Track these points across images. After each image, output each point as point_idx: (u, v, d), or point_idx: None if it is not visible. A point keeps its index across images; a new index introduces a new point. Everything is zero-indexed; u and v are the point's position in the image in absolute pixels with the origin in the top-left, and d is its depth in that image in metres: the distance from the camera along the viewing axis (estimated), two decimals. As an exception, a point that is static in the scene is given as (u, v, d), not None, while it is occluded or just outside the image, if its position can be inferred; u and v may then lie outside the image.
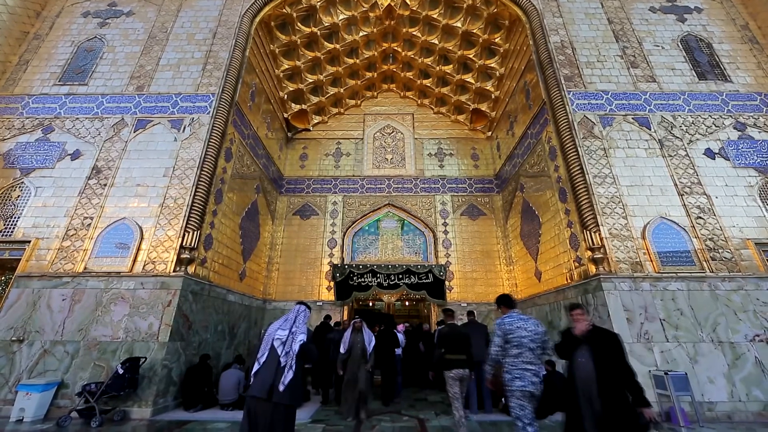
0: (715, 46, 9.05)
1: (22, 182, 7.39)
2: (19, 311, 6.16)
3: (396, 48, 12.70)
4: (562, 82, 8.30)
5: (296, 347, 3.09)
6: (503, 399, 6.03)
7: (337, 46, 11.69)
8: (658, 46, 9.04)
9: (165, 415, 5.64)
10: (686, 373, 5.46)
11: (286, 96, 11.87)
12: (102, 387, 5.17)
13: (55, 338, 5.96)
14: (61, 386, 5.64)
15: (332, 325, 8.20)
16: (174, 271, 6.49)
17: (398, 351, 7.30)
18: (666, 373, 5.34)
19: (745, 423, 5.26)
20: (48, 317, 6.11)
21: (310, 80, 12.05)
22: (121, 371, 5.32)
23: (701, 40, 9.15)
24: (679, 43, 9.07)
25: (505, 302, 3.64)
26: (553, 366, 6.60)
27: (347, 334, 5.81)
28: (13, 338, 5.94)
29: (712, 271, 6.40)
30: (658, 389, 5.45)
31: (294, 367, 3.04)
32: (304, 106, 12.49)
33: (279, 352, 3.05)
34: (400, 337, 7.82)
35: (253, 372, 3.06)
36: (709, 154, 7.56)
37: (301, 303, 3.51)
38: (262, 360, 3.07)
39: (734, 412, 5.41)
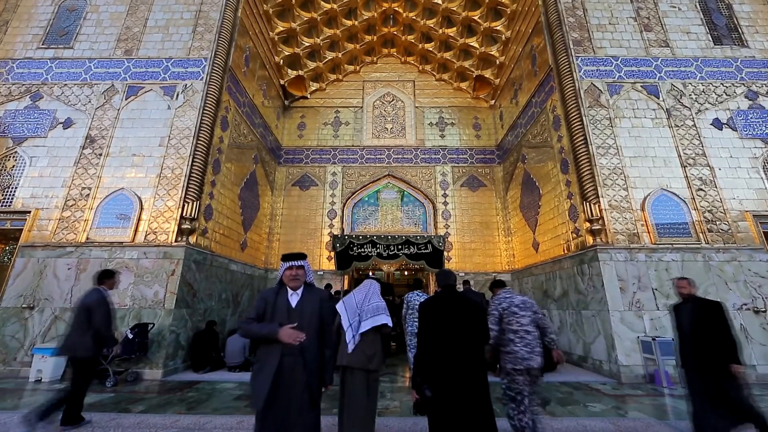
0: (735, 8, 8.53)
1: (16, 152, 7.26)
2: (27, 280, 6.31)
3: (397, 8, 11.98)
4: (571, 46, 7.91)
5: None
6: (497, 365, 6.34)
7: (335, 6, 11.02)
8: (675, 7, 8.51)
9: (175, 376, 5.96)
10: (673, 339, 5.68)
11: (281, 61, 11.37)
12: (113, 351, 5.40)
13: (64, 305, 6.14)
14: (75, 350, 5.89)
15: (333, 293, 8.43)
16: (176, 241, 6.56)
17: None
18: (654, 339, 5.59)
19: (725, 384, 5.58)
20: (55, 285, 6.27)
21: (307, 44, 11.48)
22: (130, 336, 5.56)
23: (721, 1, 8.61)
24: (697, 4, 8.54)
25: (415, 285, 5.56)
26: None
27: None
28: (24, 305, 6.13)
29: (708, 243, 6.48)
30: (645, 353, 5.71)
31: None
32: (301, 72, 12.00)
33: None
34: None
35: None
36: (717, 124, 7.38)
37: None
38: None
39: (715, 375, 5.71)
